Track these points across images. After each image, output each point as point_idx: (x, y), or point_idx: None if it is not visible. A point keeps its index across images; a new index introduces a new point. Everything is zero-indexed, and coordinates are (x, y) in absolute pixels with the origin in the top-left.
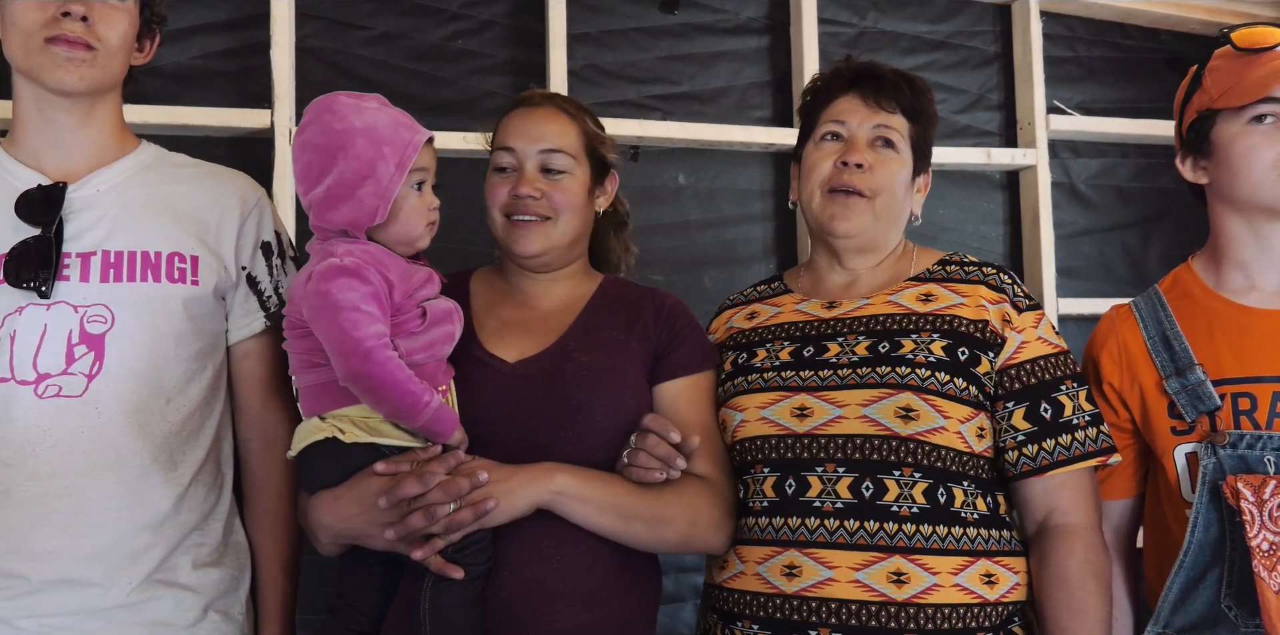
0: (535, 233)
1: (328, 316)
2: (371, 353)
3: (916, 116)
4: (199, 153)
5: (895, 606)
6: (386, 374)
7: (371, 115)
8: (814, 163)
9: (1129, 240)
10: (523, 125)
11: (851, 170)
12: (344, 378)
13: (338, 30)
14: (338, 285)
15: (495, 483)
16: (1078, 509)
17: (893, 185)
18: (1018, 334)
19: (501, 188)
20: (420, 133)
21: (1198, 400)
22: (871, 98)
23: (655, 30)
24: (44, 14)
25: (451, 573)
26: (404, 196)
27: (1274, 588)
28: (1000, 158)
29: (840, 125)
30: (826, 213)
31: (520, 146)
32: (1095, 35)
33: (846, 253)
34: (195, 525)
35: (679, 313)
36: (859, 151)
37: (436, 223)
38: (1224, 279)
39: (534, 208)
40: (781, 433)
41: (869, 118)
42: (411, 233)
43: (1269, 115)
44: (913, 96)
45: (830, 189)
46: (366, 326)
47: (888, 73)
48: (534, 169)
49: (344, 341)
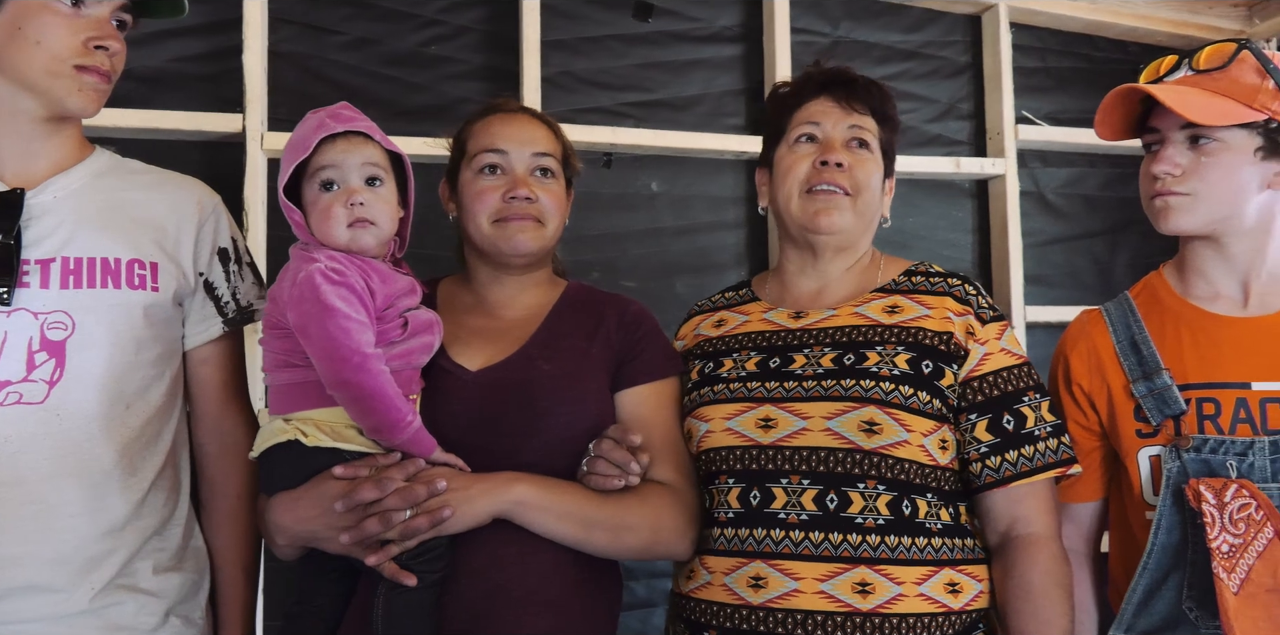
0: (530, 234)
1: (318, 323)
2: (365, 362)
3: (884, 120)
4: (171, 156)
5: (861, 616)
6: (376, 386)
7: (302, 124)
8: (791, 164)
9: (1096, 249)
10: (510, 129)
11: (831, 169)
12: (331, 385)
13: (312, 35)
14: (327, 292)
15: (454, 491)
16: (1040, 519)
17: (870, 183)
18: (981, 346)
19: (492, 192)
20: (324, 130)
21: (1163, 404)
22: (845, 100)
23: (629, 38)
24: (77, 40)
25: (405, 579)
26: (311, 200)
27: (1233, 589)
28: (970, 167)
29: (815, 127)
30: (810, 210)
31: (512, 149)
32: (1064, 47)
33: (826, 252)
34: (155, 530)
35: (642, 319)
36: (838, 151)
37: (368, 220)
38: (1191, 286)
39: (529, 210)
40: (746, 444)
41: (844, 119)
42: (329, 235)
43: (1154, 143)
44: (881, 100)
45: (810, 188)
46: (359, 335)
47: (858, 77)
48: (526, 171)
49: (336, 349)
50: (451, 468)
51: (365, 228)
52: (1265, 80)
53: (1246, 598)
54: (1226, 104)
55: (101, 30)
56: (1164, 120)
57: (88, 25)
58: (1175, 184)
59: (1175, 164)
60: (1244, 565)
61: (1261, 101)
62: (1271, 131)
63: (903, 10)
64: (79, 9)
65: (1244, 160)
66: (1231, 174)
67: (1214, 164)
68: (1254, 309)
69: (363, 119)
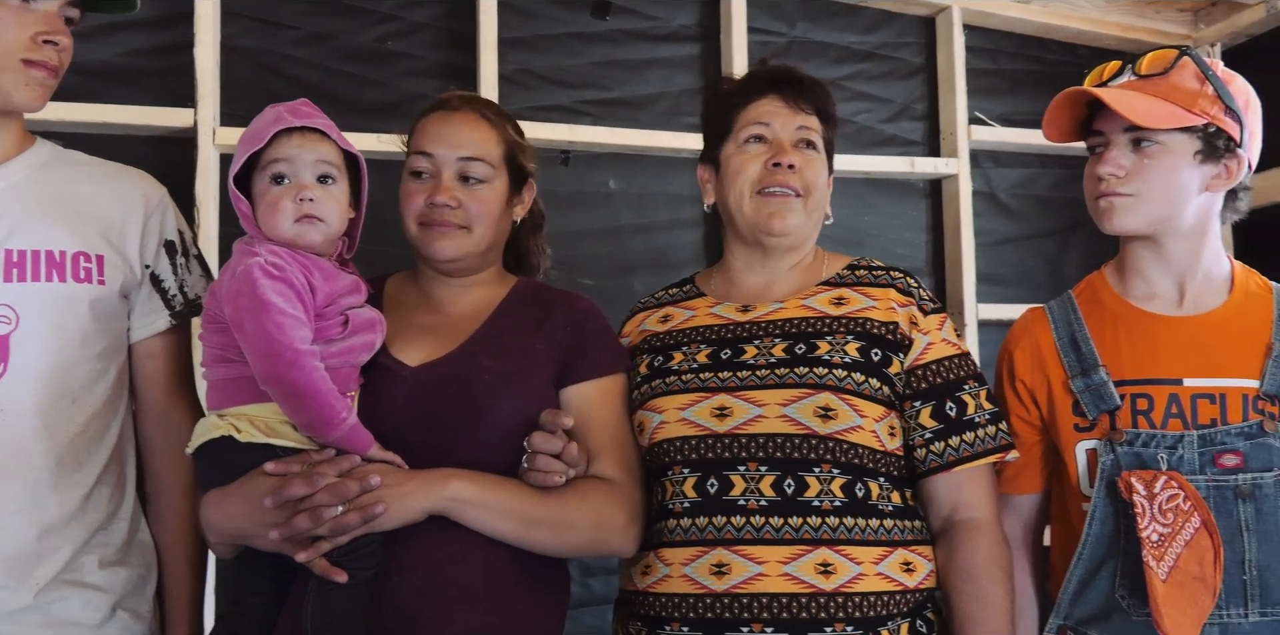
0: (451, 240)
1: (253, 317)
2: (299, 358)
3: (827, 118)
4: (120, 151)
5: (825, 596)
6: (310, 382)
7: (260, 117)
8: (741, 165)
9: (1047, 248)
10: (442, 130)
11: (784, 171)
12: (264, 380)
13: (265, 29)
14: (264, 286)
15: (388, 487)
16: (981, 504)
17: (819, 184)
18: (924, 335)
19: (418, 195)
20: (281, 123)
21: (1099, 399)
22: (793, 100)
23: (587, 36)
24: (25, 35)
25: (335, 576)
26: (260, 193)
27: (1161, 577)
28: (923, 167)
29: (765, 127)
30: (763, 213)
31: (439, 153)
32: (1016, 49)
33: (777, 251)
34: (101, 525)
35: (590, 316)
36: (789, 152)
37: (316, 217)
38: (1129, 286)
39: (450, 217)
40: (702, 433)
41: (792, 119)
42: (273, 228)
43: (1098, 146)
44: (824, 99)
45: (762, 190)
46: (294, 330)
47: (804, 76)
48: (451, 177)
49: (270, 344)
50: (388, 464)
51: (312, 224)
52: (1205, 86)
53: (1174, 585)
54: (1168, 108)
55: (50, 25)
56: (1108, 123)
57: (36, 20)
58: (1119, 185)
59: (1119, 166)
60: (1172, 554)
61: (1201, 106)
62: (1210, 136)
63: (858, 11)
64: (28, 3)
65: (1184, 163)
66: (1172, 176)
67: (1155, 166)
68: (1188, 308)
69: (321, 117)
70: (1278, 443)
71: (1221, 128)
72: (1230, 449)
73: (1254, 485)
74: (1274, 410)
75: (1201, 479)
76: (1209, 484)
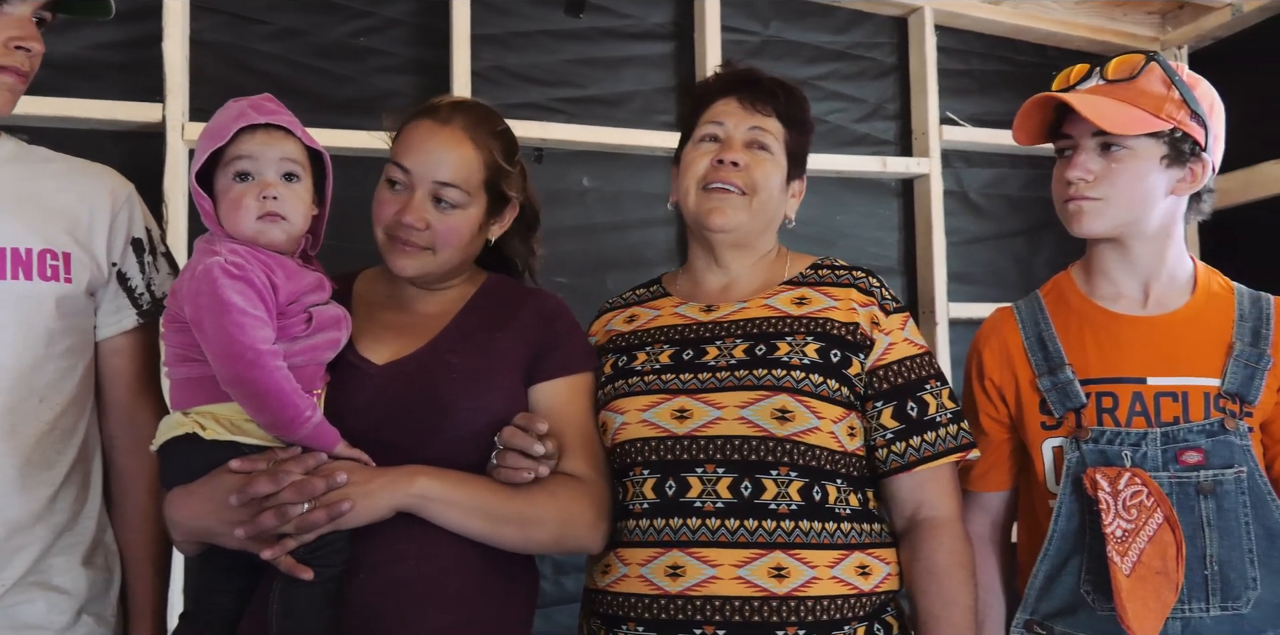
0: (413, 260)
1: (213, 318)
2: (259, 358)
3: (791, 123)
4: (87, 146)
5: (777, 600)
6: (272, 382)
7: (222, 112)
8: (691, 161)
9: (1018, 247)
10: (424, 145)
11: (727, 167)
12: (225, 381)
13: (236, 24)
14: (224, 286)
15: (355, 484)
16: (943, 503)
17: (767, 185)
18: (886, 336)
19: (389, 206)
20: (244, 119)
21: (1066, 397)
22: (748, 101)
23: (561, 33)
24: None
25: (301, 574)
26: (223, 190)
27: (1125, 571)
28: (895, 166)
29: (718, 126)
30: (704, 208)
31: (415, 170)
32: (987, 50)
33: (722, 248)
34: (66, 525)
35: (560, 314)
36: (734, 150)
37: (279, 215)
38: (1096, 286)
39: (415, 238)
40: (662, 435)
41: (745, 120)
42: (237, 227)
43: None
44: (789, 103)
45: (705, 185)
46: (254, 331)
47: (765, 78)
48: (424, 197)
49: (230, 345)
50: (355, 462)
51: (275, 222)
52: (1171, 91)
53: (1138, 580)
54: (1135, 113)
55: (23, 30)
56: (1077, 127)
57: (8, 24)
58: (1087, 189)
59: (1088, 170)
60: (1136, 549)
61: (1167, 111)
62: (1176, 140)
63: (831, 11)
64: (0, 8)
65: (1151, 167)
66: (1139, 180)
67: (1123, 171)
68: (1152, 309)
69: (285, 113)
70: (1238, 440)
71: (1187, 132)
72: (1192, 446)
73: (1215, 482)
74: (1234, 408)
75: (1164, 475)
76: (1171, 480)
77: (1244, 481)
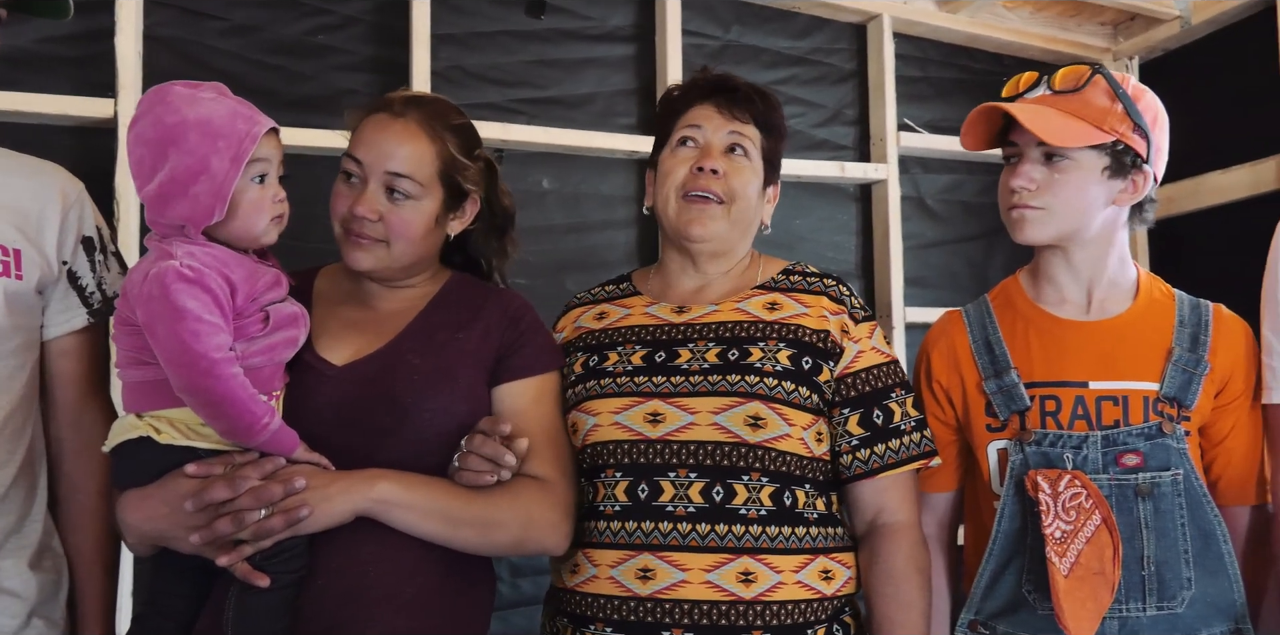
0: (367, 253)
1: (167, 325)
2: (214, 367)
3: (768, 129)
4: (37, 141)
5: (744, 605)
6: (228, 390)
7: (207, 106)
8: (670, 168)
9: (973, 252)
10: (377, 137)
11: (707, 175)
12: (180, 389)
13: (190, 19)
14: (178, 291)
15: (313, 489)
16: (903, 508)
17: (746, 191)
18: (855, 344)
19: (343, 200)
20: (260, 123)
21: (1010, 400)
22: (726, 107)
23: (522, 34)
24: None
25: (257, 581)
26: (242, 190)
27: (1063, 572)
28: (854, 171)
29: (696, 130)
30: (683, 218)
31: (367, 161)
32: (944, 57)
33: (701, 257)
34: (13, 528)
35: (524, 314)
36: (714, 157)
37: (285, 216)
38: (1041, 292)
39: (368, 230)
40: (635, 438)
41: (724, 125)
42: (253, 229)
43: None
44: (765, 109)
45: (686, 194)
46: (209, 338)
47: (742, 85)
48: (376, 188)
49: (184, 353)
50: (314, 466)
51: (279, 224)
52: (1115, 104)
53: (1075, 580)
54: (1079, 126)
55: None
56: (1023, 136)
57: None
58: (1030, 198)
59: (1031, 179)
60: (1074, 550)
61: (1110, 124)
62: (1118, 152)
63: (791, 17)
64: None
65: (1093, 179)
66: (1081, 191)
67: (1065, 181)
68: (1095, 314)
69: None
70: (1175, 444)
71: (1129, 145)
72: (1131, 449)
73: (1153, 484)
74: (1172, 412)
75: (1104, 478)
76: (1111, 483)
77: (1180, 484)
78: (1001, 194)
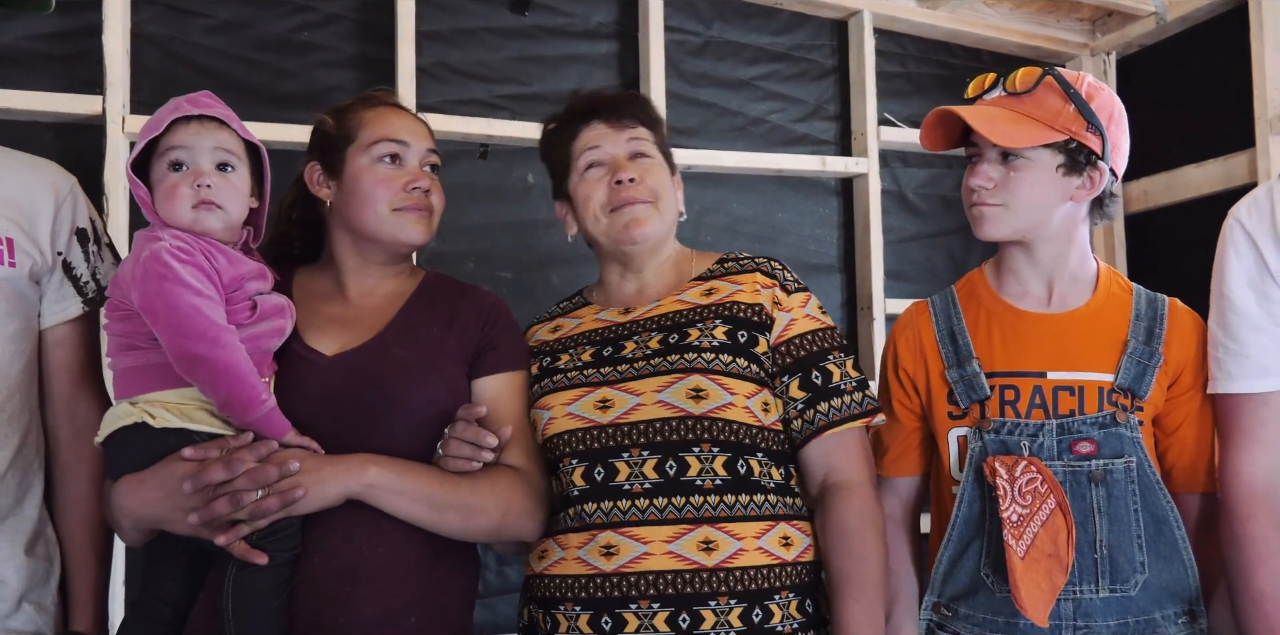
0: (426, 224)
1: (167, 300)
2: (220, 335)
3: (652, 124)
4: (24, 138)
5: (707, 572)
6: (233, 360)
7: (164, 106)
8: (588, 192)
9: (953, 246)
10: (407, 123)
11: (626, 186)
12: (183, 360)
13: (176, 17)
14: (175, 267)
15: (306, 472)
16: (851, 466)
17: (664, 186)
18: (786, 313)
19: (395, 179)
20: (179, 111)
21: (971, 389)
22: (613, 119)
23: (506, 31)
24: None
25: (255, 559)
26: (158, 179)
27: (1019, 554)
28: (835, 166)
29: (597, 151)
30: (620, 224)
31: (413, 142)
32: (924, 53)
33: (641, 257)
34: (10, 512)
35: (499, 312)
36: (626, 168)
37: (214, 203)
38: (1004, 284)
39: (425, 202)
40: (587, 425)
41: (619, 137)
42: (171, 213)
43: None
44: (642, 107)
45: (613, 208)
46: (212, 309)
47: (614, 96)
48: (420, 165)
49: (190, 324)
50: (305, 450)
51: (210, 210)
52: (1067, 104)
53: (1030, 562)
54: (1032, 126)
55: None
56: (981, 136)
57: None
58: (989, 196)
59: (989, 178)
60: (1030, 533)
61: (1063, 123)
62: (1072, 151)
63: (772, 13)
64: None
65: (1048, 176)
66: (1037, 188)
67: (1021, 179)
68: (1055, 307)
69: (221, 106)
70: (1128, 432)
71: (1083, 143)
72: (1085, 437)
73: (1106, 471)
74: (1126, 402)
75: (1059, 464)
76: (1065, 469)
77: (1133, 471)
78: (964, 192)
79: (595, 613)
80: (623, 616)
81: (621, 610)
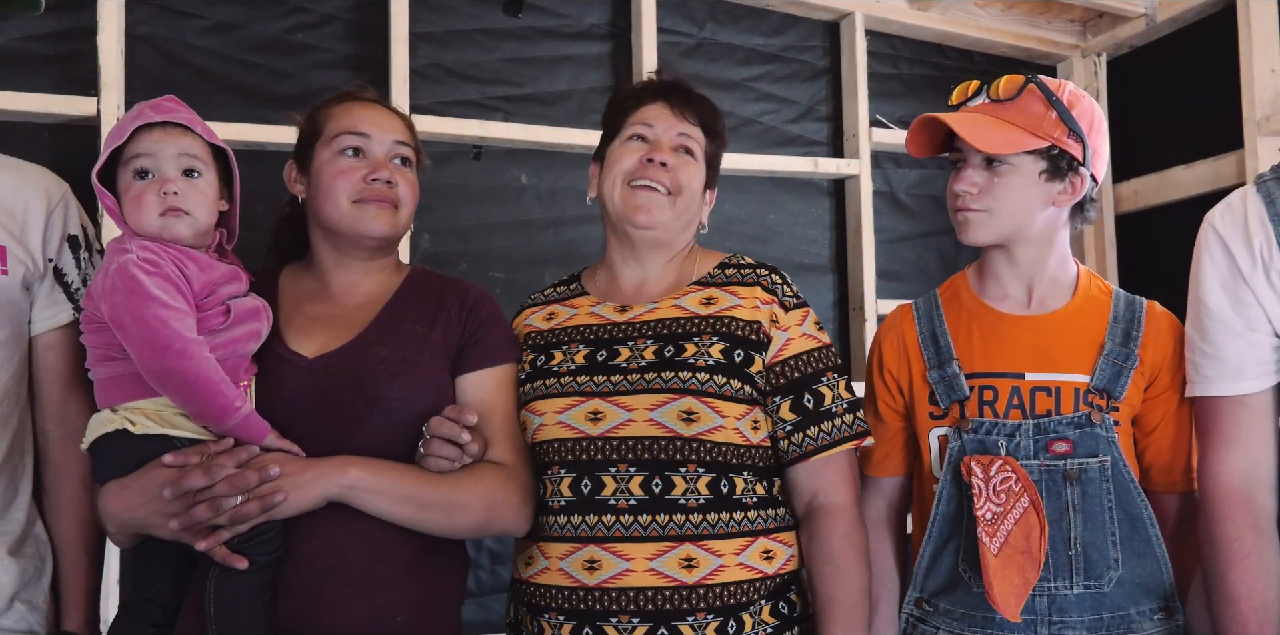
0: (387, 217)
1: (134, 313)
2: (187, 347)
3: (712, 134)
4: (19, 139)
5: (687, 589)
6: (201, 371)
7: (128, 113)
8: (619, 157)
9: (944, 246)
10: (372, 115)
11: (656, 167)
12: (152, 374)
13: (170, 18)
14: (141, 279)
15: (286, 476)
16: (838, 490)
17: (691, 187)
18: (783, 332)
19: (354, 171)
20: (141, 119)
21: (951, 390)
22: (678, 108)
23: (499, 32)
24: None
25: (236, 563)
26: (124, 188)
27: (993, 551)
28: (827, 167)
29: (648, 128)
30: (630, 204)
31: (375, 134)
32: (916, 55)
33: (643, 246)
34: None
35: (483, 304)
36: (664, 151)
37: (181, 210)
38: (986, 287)
39: (388, 194)
40: (577, 436)
41: (675, 125)
42: (138, 222)
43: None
44: (711, 115)
45: (632, 182)
46: (180, 321)
47: (693, 90)
48: (386, 157)
49: (156, 337)
50: (285, 453)
51: (178, 217)
52: (1049, 111)
53: (1004, 559)
54: (1015, 133)
55: None
56: (965, 142)
57: None
58: (973, 201)
59: (973, 184)
60: (1004, 531)
61: (1045, 130)
62: (1054, 157)
63: (765, 15)
64: None
65: (1031, 182)
66: (1020, 194)
67: (1005, 185)
68: (1034, 309)
69: (185, 110)
70: (1104, 432)
71: (1065, 149)
72: (1061, 437)
73: (1081, 470)
74: (1102, 403)
75: (1035, 463)
76: (1041, 468)
77: (1108, 470)
78: (949, 197)
79: (578, 624)
80: (603, 629)
81: (602, 623)
